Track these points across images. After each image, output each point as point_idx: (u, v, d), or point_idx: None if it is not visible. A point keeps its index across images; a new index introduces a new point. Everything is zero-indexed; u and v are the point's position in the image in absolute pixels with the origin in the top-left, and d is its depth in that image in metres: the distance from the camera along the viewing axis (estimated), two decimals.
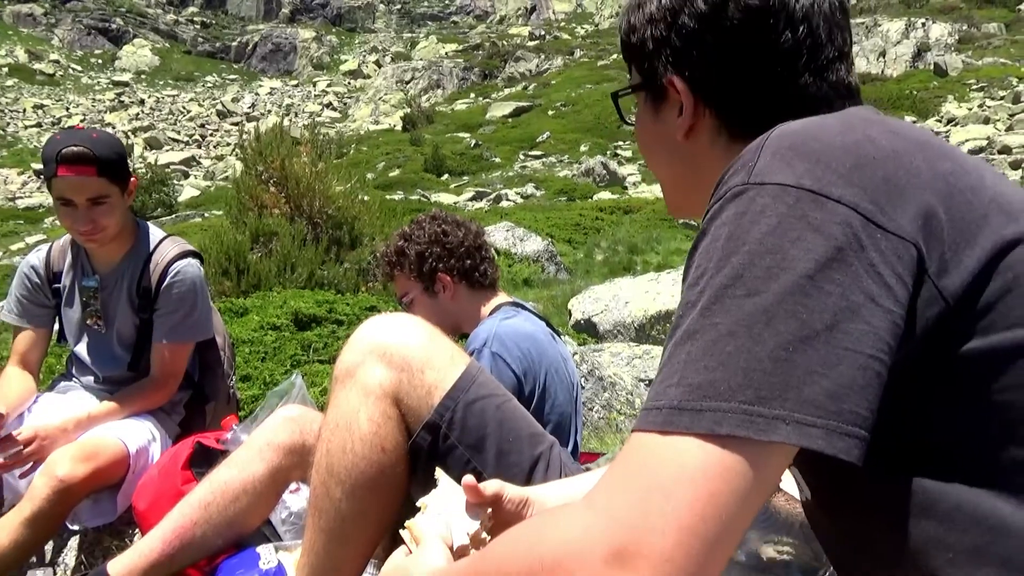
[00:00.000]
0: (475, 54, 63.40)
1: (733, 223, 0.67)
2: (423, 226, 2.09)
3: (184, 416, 2.36)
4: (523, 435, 1.31)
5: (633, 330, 5.30)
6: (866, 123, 0.72)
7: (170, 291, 2.21)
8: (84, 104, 59.51)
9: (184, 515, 1.63)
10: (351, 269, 8.61)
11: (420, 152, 35.54)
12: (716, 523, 0.59)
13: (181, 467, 1.86)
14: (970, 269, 0.64)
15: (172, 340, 2.22)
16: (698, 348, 0.64)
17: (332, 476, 1.25)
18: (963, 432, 0.66)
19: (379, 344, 1.28)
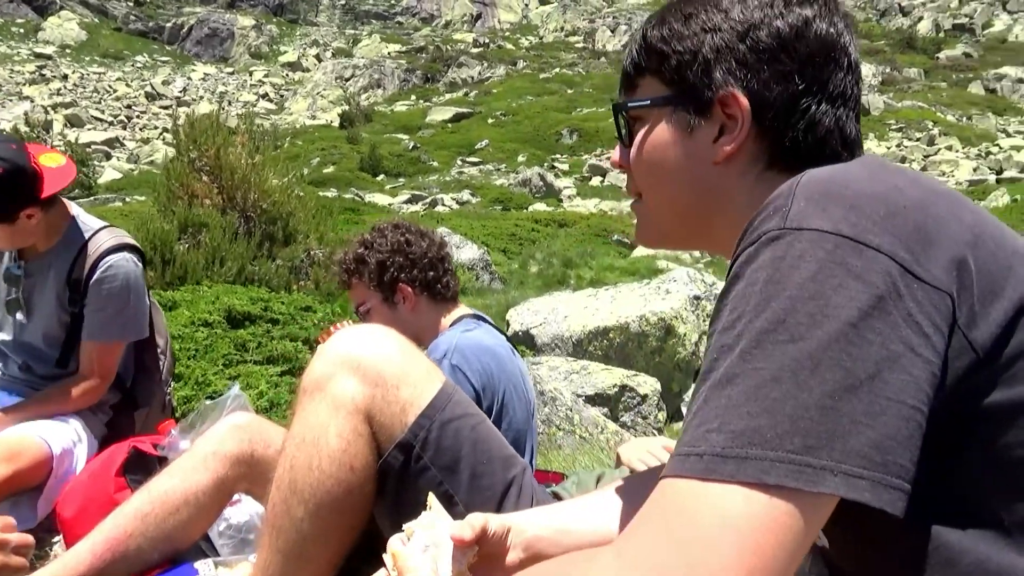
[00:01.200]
0: (418, 56, 63.02)
1: (771, 267, 0.65)
2: (385, 234, 2.03)
3: (111, 417, 2.22)
4: (497, 458, 1.27)
5: (571, 345, 5.31)
6: (888, 171, 0.72)
7: (100, 286, 2.08)
8: (1, 74, 56.36)
9: (118, 525, 1.52)
10: (283, 266, 8.39)
11: (356, 150, 35.06)
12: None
13: (115, 474, 1.74)
14: (998, 321, 0.64)
15: (101, 339, 2.09)
16: (739, 393, 0.62)
17: (295, 494, 1.19)
18: (984, 485, 0.66)
19: (353, 356, 1.22)
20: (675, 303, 5.42)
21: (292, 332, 4.40)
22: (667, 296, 5.52)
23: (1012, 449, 0.64)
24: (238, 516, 1.77)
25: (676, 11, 0.89)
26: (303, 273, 8.64)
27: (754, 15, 0.84)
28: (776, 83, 0.82)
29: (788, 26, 0.82)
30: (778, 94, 0.82)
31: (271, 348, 3.95)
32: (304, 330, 4.49)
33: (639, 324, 5.27)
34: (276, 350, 3.90)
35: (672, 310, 5.35)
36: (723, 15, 0.85)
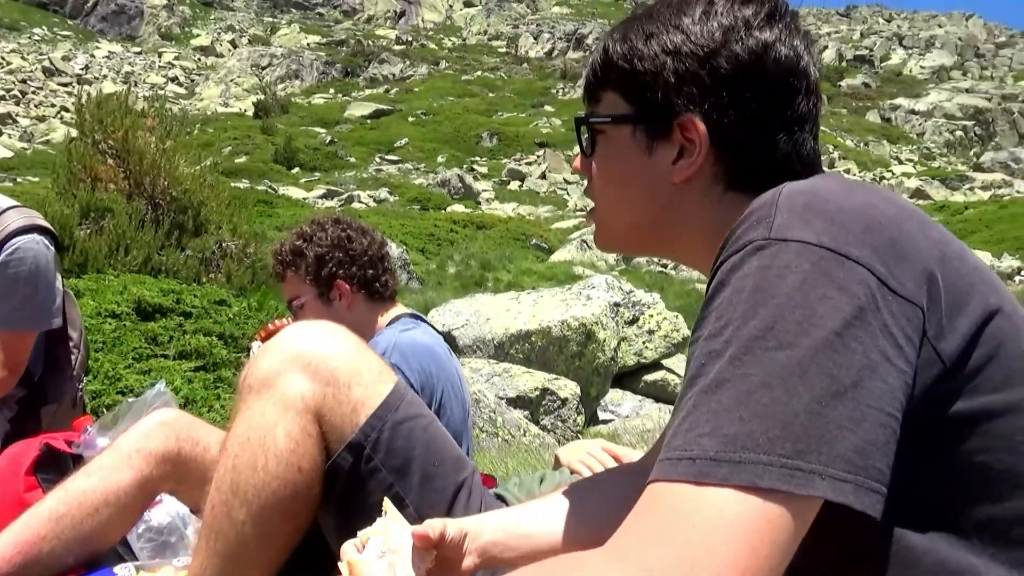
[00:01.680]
0: (338, 50, 61.87)
1: (758, 276, 0.67)
2: (325, 228, 1.97)
3: (15, 413, 2.07)
4: (448, 459, 1.25)
5: (492, 347, 5.32)
6: (862, 188, 0.75)
7: (5, 269, 1.94)
8: None
9: (30, 527, 1.42)
10: (193, 257, 8.06)
11: (271, 141, 34.08)
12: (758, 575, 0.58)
13: (24, 473, 1.62)
14: (963, 334, 0.67)
15: (6, 327, 1.95)
16: (731, 398, 0.63)
17: (237, 496, 1.13)
18: (945, 489, 0.69)
19: (303, 353, 1.18)
20: (596, 309, 5.51)
21: (206, 326, 4.23)
22: (588, 302, 5.60)
23: (973, 455, 0.68)
24: (158, 517, 1.68)
25: (638, 28, 0.89)
26: (214, 265, 8.32)
27: (715, 38, 0.84)
28: (734, 109, 0.84)
29: (748, 52, 0.83)
30: (736, 120, 0.84)
31: (184, 343, 3.78)
32: (219, 325, 4.32)
33: (561, 329, 5.33)
34: (190, 345, 3.73)
35: (593, 316, 5.43)
36: (684, 36, 0.85)
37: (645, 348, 6.17)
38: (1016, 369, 0.68)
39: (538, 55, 64.15)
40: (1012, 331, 0.69)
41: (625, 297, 6.25)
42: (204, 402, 3.22)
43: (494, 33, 71.81)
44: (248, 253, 8.62)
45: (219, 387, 3.49)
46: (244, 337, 4.35)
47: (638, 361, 6.15)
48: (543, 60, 62.46)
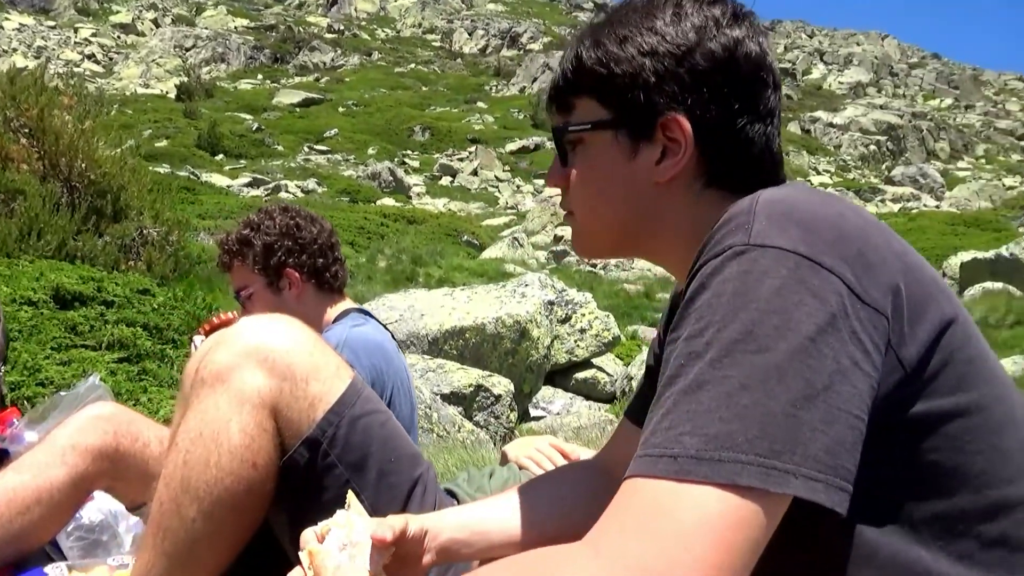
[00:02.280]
0: (267, 35, 60.23)
1: (738, 280, 0.69)
2: (273, 216, 1.93)
3: None
4: (404, 456, 1.25)
5: (427, 343, 5.29)
6: (832, 199, 0.79)
7: None
8: None
9: None
10: (112, 244, 7.73)
11: (194, 126, 32.92)
12: (733, 571, 0.61)
13: None
14: (922, 341, 0.71)
15: None
16: (711, 399, 0.65)
17: (187, 492, 1.10)
18: (899, 487, 0.73)
19: (260, 347, 1.15)
20: (530, 307, 5.55)
21: (129, 316, 4.06)
22: (523, 300, 5.64)
23: (926, 455, 0.72)
24: (90, 515, 1.61)
25: (610, 32, 0.89)
26: (134, 253, 8.01)
27: (689, 37, 0.86)
28: (714, 105, 0.86)
29: (722, 48, 0.86)
30: (716, 115, 0.86)
31: (106, 333, 3.62)
32: (143, 315, 4.16)
33: (495, 326, 5.34)
34: (112, 335, 3.57)
35: (527, 313, 5.47)
36: (659, 38, 0.87)
37: (577, 346, 6.25)
38: (966, 374, 0.73)
39: (472, 51, 64.01)
40: (963, 338, 0.73)
41: (558, 295, 6.32)
42: (130, 395, 3.10)
43: (428, 27, 71.26)
44: (171, 241, 8.33)
45: (144, 379, 3.36)
46: (169, 328, 4.21)
47: (570, 359, 6.23)
48: (477, 56, 62.36)
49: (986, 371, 0.75)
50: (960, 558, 0.71)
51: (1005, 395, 0.75)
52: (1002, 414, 0.74)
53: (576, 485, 1.15)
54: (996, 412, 0.74)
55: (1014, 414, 0.75)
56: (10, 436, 1.62)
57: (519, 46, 63.01)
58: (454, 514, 1.09)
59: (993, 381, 0.75)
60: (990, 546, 0.72)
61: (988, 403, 0.73)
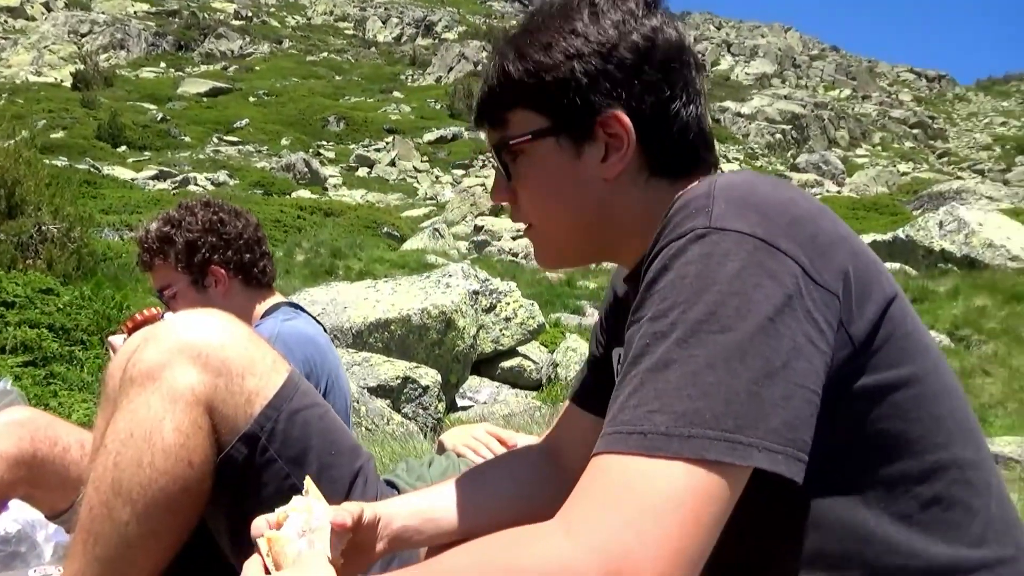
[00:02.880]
0: (170, 21, 57.67)
1: (701, 263, 0.72)
2: (195, 212, 1.86)
3: None
4: (344, 448, 1.24)
5: (351, 336, 5.22)
6: (782, 185, 0.82)
7: None
8: None
9: None
10: (8, 242, 7.31)
11: (94, 116, 31.25)
12: (700, 543, 0.64)
13: None
14: (868, 319, 0.76)
15: None
16: (678, 377, 0.68)
17: (119, 495, 1.07)
18: (847, 456, 0.77)
19: (192, 343, 1.12)
20: (455, 297, 5.54)
21: (32, 317, 3.85)
22: (447, 290, 5.63)
23: (872, 424, 0.77)
24: (5, 526, 1.54)
25: (532, 41, 0.90)
26: (32, 251, 7.58)
27: (610, 34, 0.88)
28: (647, 94, 0.88)
29: (643, 38, 0.88)
30: (651, 104, 0.88)
31: (8, 335, 3.42)
32: (47, 316, 3.95)
33: (421, 317, 5.31)
34: (15, 338, 3.38)
35: (453, 304, 5.46)
36: (582, 39, 0.88)
37: (502, 335, 6.29)
38: (906, 347, 0.78)
39: (387, 40, 63.06)
40: (902, 315, 0.79)
41: (482, 285, 6.34)
42: (38, 400, 2.93)
43: (340, 14, 69.75)
44: (72, 237, 7.93)
45: (52, 383, 3.19)
46: (78, 329, 4.01)
47: (495, 348, 6.26)
48: (392, 45, 61.48)
49: (922, 344, 0.80)
50: (900, 519, 0.76)
51: (938, 366, 0.81)
52: (936, 383, 0.80)
53: (523, 470, 1.16)
54: (932, 382, 0.79)
55: (945, 383, 0.81)
56: None
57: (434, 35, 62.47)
58: (405, 501, 1.09)
59: (928, 353, 0.80)
60: (927, 506, 0.77)
61: (925, 374, 0.79)
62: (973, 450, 0.80)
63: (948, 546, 0.76)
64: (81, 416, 2.84)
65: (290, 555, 0.85)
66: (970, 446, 0.80)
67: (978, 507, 0.78)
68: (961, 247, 10.52)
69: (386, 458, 2.79)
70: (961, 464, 0.79)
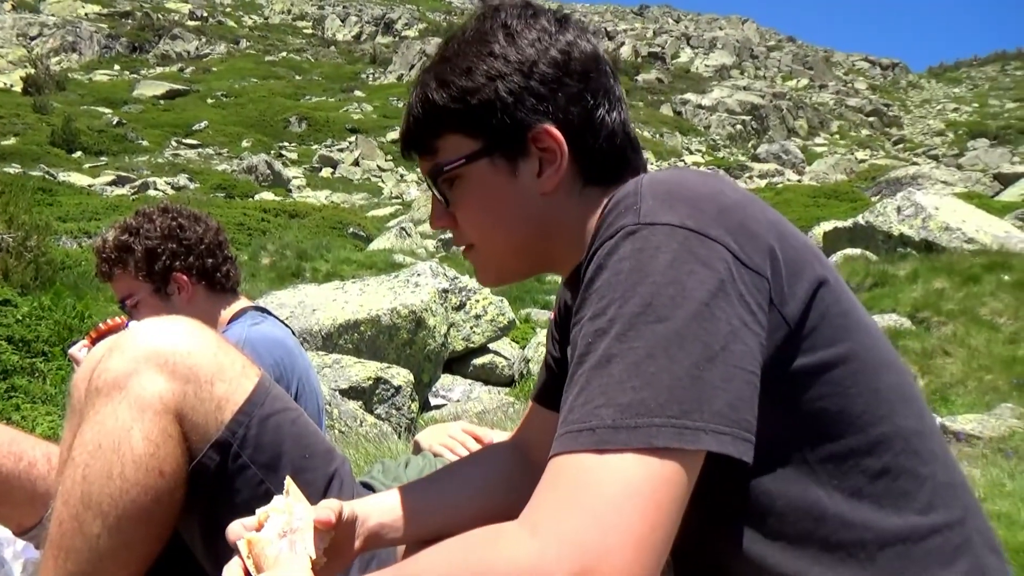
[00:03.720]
0: (123, 22, 56.48)
1: (633, 258, 0.74)
2: (153, 219, 1.82)
3: None
4: (318, 452, 1.23)
5: (320, 339, 5.17)
6: (708, 177, 0.85)
7: None
8: None
9: None
10: None
11: (46, 122, 30.51)
12: (662, 530, 0.65)
13: None
14: (800, 299, 0.78)
15: None
16: (621, 370, 0.69)
17: (89, 508, 1.05)
18: (792, 436, 0.79)
19: (158, 351, 1.10)
20: (425, 296, 5.52)
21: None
22: (416, 289, 5.60)
23: (813, 402, 0.78)
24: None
25: (452, 68, 0.91)
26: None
27: (528, 53, 0.90)
28: (572, 105, 0.90)
29: (560, 52, 0.91)
30: (578, 114, 0.91)
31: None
32: (6, 327, 3.85)
33: (390, 317, 5.28)
34: None
35: (422, 303, 5.44)
36: (502, 60, 0.90)
37: (473, 333, 6.28)
38: (841, 326, 0.80)
39: (346, 38, 62.49)
40: (836, 294, 0.81)
41: (451, 283, 6.33)
42: (0, 414, 2.87)
43: (298, 13, 68.92)
44: (29, 247, 7.75)
45: (15, 396, 3.11)
46: (38, 340, 3.92)
47: (466, 346, 6.26)
48: (351, 44, 60.95)
49: (859, 322, 0.82)
50: (852, 495, 0.78)
51: (875, 342, 0.83)
52: (875, 359, 0.82)
53: (496, 467, 1.17)
54: (870, 357, 0.81)
55: (884, 358, 0.83)
56: None
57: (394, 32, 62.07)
58: (381, 499, 1.09)
59: (865, 330, 0.83)
60: (876, 478, 0.79)
61: (862, 350, 0.81)
62: (916, 419, 0.83)
63: (899, 516, 0.78)
64: (45, 429, 2.77)
65: (271, 556, 0.84)
66: (912, 416, 0.82)
67: (925, 474, 0.80)
68: (919, 231, 10.75)
69: (361, 460, 2.78)
70: (905, 434, 0.81)
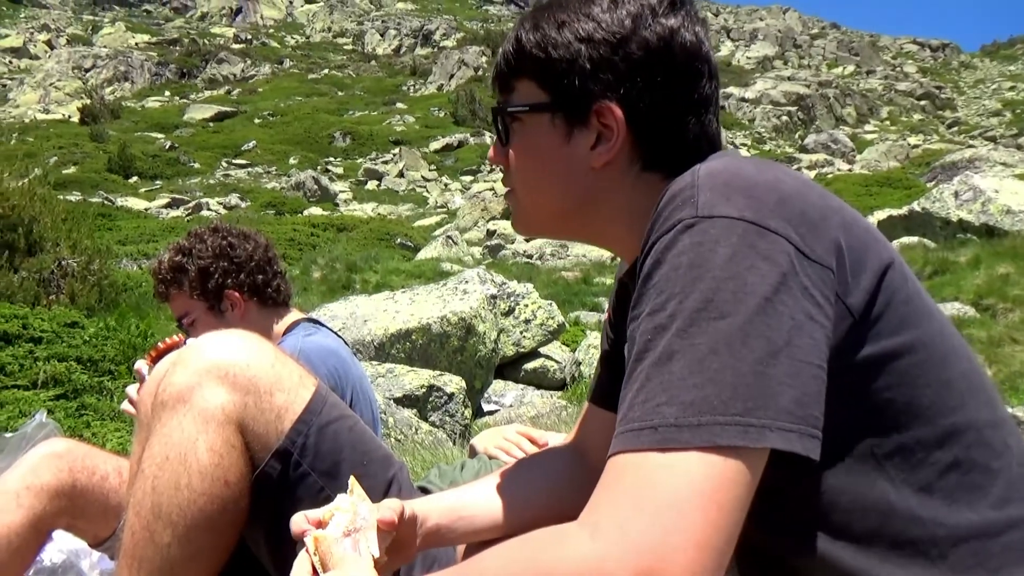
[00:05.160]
0: (171, 49, 58.27)
1: (692, 252, 0.72)
2: (204, 239, 1.88)
3: None
4: (376, 458, 1.25)
5: (373, 349, 5.24)
6: (767, 165, 0.83)
7: None
8: None
9: None
10: (30, 279, 7.42)
11: (103, 149, 31.65)
12: (725, 531, 0.64)
13: None
14: (865, 288, 0.75)
15: None
16: (683, 368, 0.68)
17: (160, 518, 1.08)
18: (859, 428, 0.77)
19: (219, 364, 1.14)
20: (473, 303, 5.55)
21: (60, 351, 3.90)
22: (465, 296, 5.64)
23: (880, 393, 0.76)
24: (51, 556, 1.56)
25: (549, 16, 0.91)
26: (54, 286, 7.70)
27: (625, 25, 0.88)
28: (648, 93, 0.88)
29: (657, 37, 0.88)
30: (650, 104, 0.89)
31: (38, 370, 3.47)
32: (74, 348, 4.00)
33: (440, 325, 5.33)
34: (45, 372, 3.43)
35: (471, 309, 5.47)
36: (595, 24, 0.89)
37: (523, 337, 6.29)
38: (907, 313, 0.77)
39: (386, 52, 63.33)
40: (900, 280, 0.78)
41: (499, 289, 6.35)
42: (72, 432, 2.98)
43: (339, 30, 70.12)
44: (92, 270, 8.04)
45: (85, 414, 3.24)
46: (105, 360, 4.06)
47: (517, 351, 6.27)
48: (391, 57, 61.75)
49: (924, 309, 0.80)
50: (921, 489, 0.76)
51: (943, 330, 0.81)
52: (943, 347, 0.79)
53: (553, 469, 1.17)
54: (938, 346, 0.79)
55: (952, 346, 0.81)
56: None
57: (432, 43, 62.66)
58: (438, 500, 1.10)
59: (931, 317, 0.80)
60: (946, 472, 0.76)
61: (929, 338, 0.78)
62: (988, 410, 0.80)
63: (972, 511, 0.76)
64: (115, 444, 2.87)
65: (336, 555, 0.86)
66: (983, 406, 0.80)
67: (998, 467, 0.78)
68: (979, 216, 10.39)
69: (417, 466, 2.80)
70: (977, 425, 0.78)
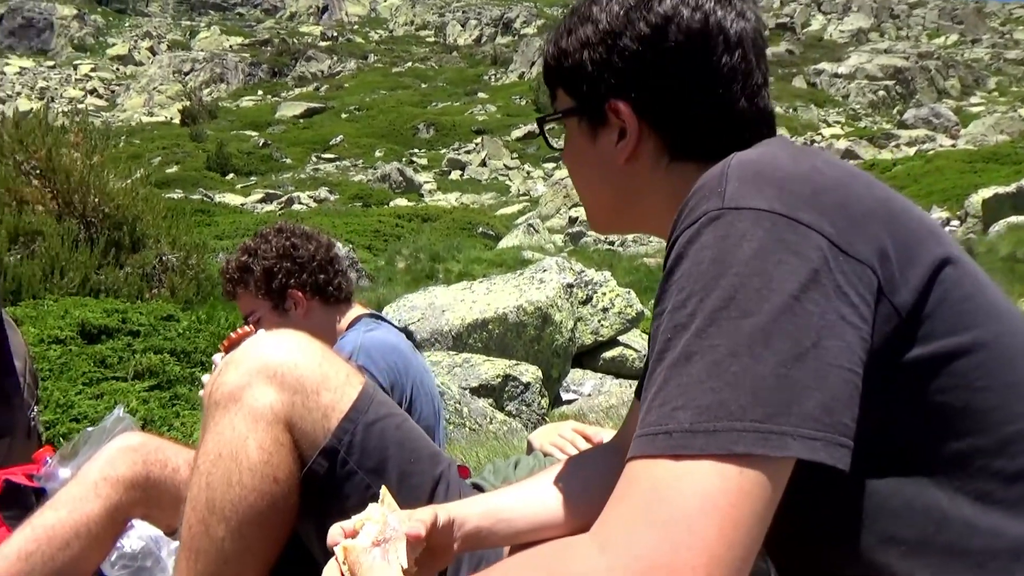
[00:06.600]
0: (263, 50, 60.48)
1: (716, 246, 0.68)
2: (269, 239, 1.95)
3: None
4: (423, 455, 1.25)
5: (451, 339, 5.30)
6: (806, 153, 0.77)
7: None
8: None
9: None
10: (134, 274, 7.85)
11: (202, 149, 33.25)
12: (740, 548, 0.60)
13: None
14: (914, 286, 0.69)
15: None
16: (700, 369, 0.64)
17: (214, 513, 1.12)
18: (910, 433, 0.71)
19: (268, 364, 1.17)
20: (550, 292, 5.54)
21: (156, 344, 4.11)
22: (541, 285, 5.63)
23: (933, 396, 0.70)
24: (131, 544, 1.64)
25: (563, 26, 0.94)
26: (156, 280, 8.13)
27: (619, 20, 0.88)
28: (654, 82, 0.87)
29: (650, 26, 0.86)
30: (659, 92, 0.87)
31: (135, 362, 3.67)
32: (169, 341, 4.22)
33: (517, 314, 5.34)
34: (141, 364, 3.63)
35: (548, 299, 5.46)
36: (594, 27, 0.90)
37: (601, 326, 6.24)
38: (964, 312, 0.71)
39: (467, 42, 63.80)
40: (957, 277, 0.72)
41: (577, 277, 6.31)
42: (163, 421, 3.14)
43: (420, 23, 71.09)
44: (191, 265, 8.44)
45: (176, 405, 3.41)
46: (197, 351, 4.26)
47: (595, 339, 6.22)
48: (472, 47, 62.15)
49: (988, 307, 0.73)
50: (978, 498, 0.70)
51: (1011, 328, 0.73)
52: (1010, 348, 0.72)
53: (598, 468, 1.14)
54: (1003, 346, 0.72)
55: (1021, 346, 0.73)
56: (45, 474, 1.66)
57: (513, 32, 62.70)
58: (479, 502, 1.09)
59: (996, 316, 0.73)
60: (1011, 482, 0.70)
61: (994, 338, 0.71)
62: None
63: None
64: None
65: (364, 564, 0.87)
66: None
67: None
68: None
69: (486, 458, 2.82)
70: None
